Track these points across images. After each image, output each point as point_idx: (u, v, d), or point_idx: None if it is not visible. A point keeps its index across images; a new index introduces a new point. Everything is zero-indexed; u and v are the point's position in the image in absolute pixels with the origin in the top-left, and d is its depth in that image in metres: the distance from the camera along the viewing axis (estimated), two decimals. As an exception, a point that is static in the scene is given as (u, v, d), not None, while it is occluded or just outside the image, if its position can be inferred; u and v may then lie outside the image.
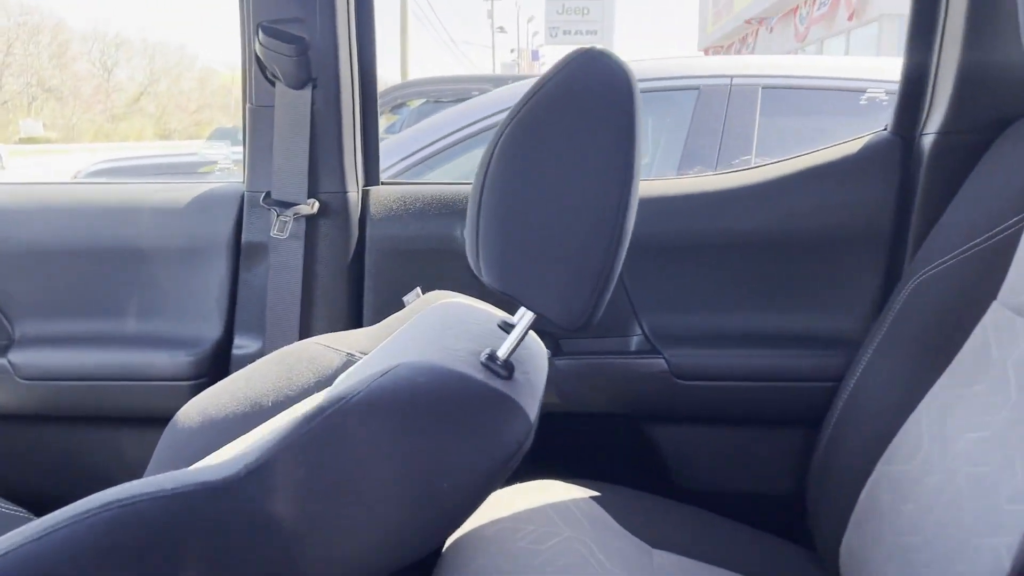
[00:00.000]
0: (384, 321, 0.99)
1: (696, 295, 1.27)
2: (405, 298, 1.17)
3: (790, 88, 2.28)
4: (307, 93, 1.23)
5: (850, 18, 13.34)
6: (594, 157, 0.62)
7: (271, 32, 1.19)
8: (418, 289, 1.17)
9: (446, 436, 0.59)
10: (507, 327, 0.79)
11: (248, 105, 1.28)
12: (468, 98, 3.68)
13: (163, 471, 0.90)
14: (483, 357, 0.66)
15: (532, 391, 0.69)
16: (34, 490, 1.39)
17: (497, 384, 0.63)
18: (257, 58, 1.23)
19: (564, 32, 16.36)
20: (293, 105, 1.23)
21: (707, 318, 1.27)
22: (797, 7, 16.03)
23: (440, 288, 1.08)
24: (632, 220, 0.64)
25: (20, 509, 1.09)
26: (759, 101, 2.26)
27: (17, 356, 1.30)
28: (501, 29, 32.44)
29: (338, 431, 0.56)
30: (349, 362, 0.92)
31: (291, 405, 0.88)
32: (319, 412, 0.57)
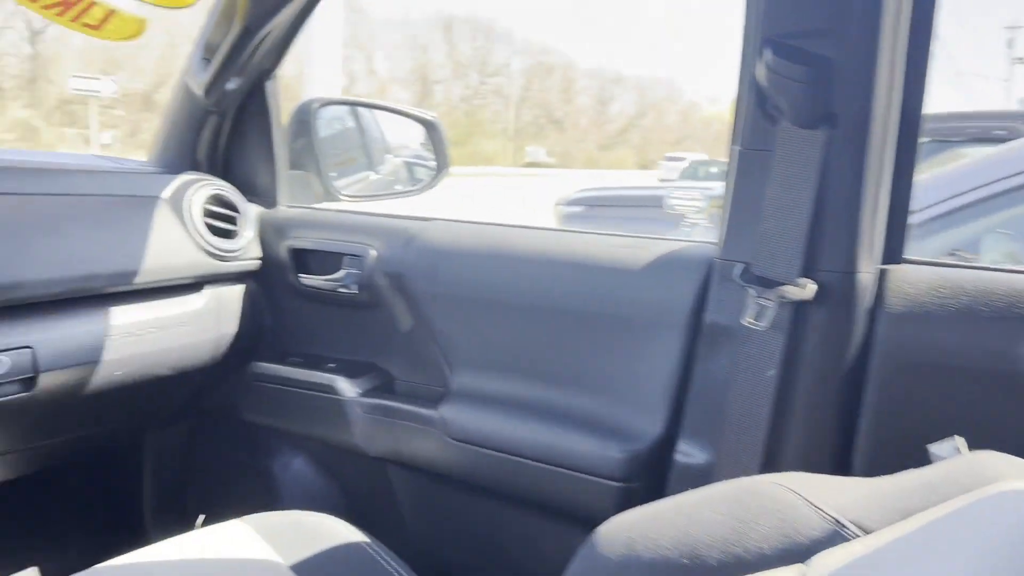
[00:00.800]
0: (896, 478, 0.64)
1: None
2: (933, 448, 0.77)
3: None
4: (819, 135, 0.89)
5: None
6: None
7: (783, 51, 0.87)
8: (958, 441, 0.75)
9: None
10: None
11: (735, 147, 0.98)
12: (988, 139, 2.97)
13: None
14: None
15: None
16: (442, 560, 1.28)
17: None
18: (757, 85, 0.93)
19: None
20: (798, 150, 0.90)
21: None
22: None
23: (991, 442, 0.67)
24: None
25: None
26: None
27: (449, 411, 1.19)
28: (1021, 60, 28.00)
29: None
30: (835, 535, 0.60)
31: (742, 574, 0.60)
32: None
